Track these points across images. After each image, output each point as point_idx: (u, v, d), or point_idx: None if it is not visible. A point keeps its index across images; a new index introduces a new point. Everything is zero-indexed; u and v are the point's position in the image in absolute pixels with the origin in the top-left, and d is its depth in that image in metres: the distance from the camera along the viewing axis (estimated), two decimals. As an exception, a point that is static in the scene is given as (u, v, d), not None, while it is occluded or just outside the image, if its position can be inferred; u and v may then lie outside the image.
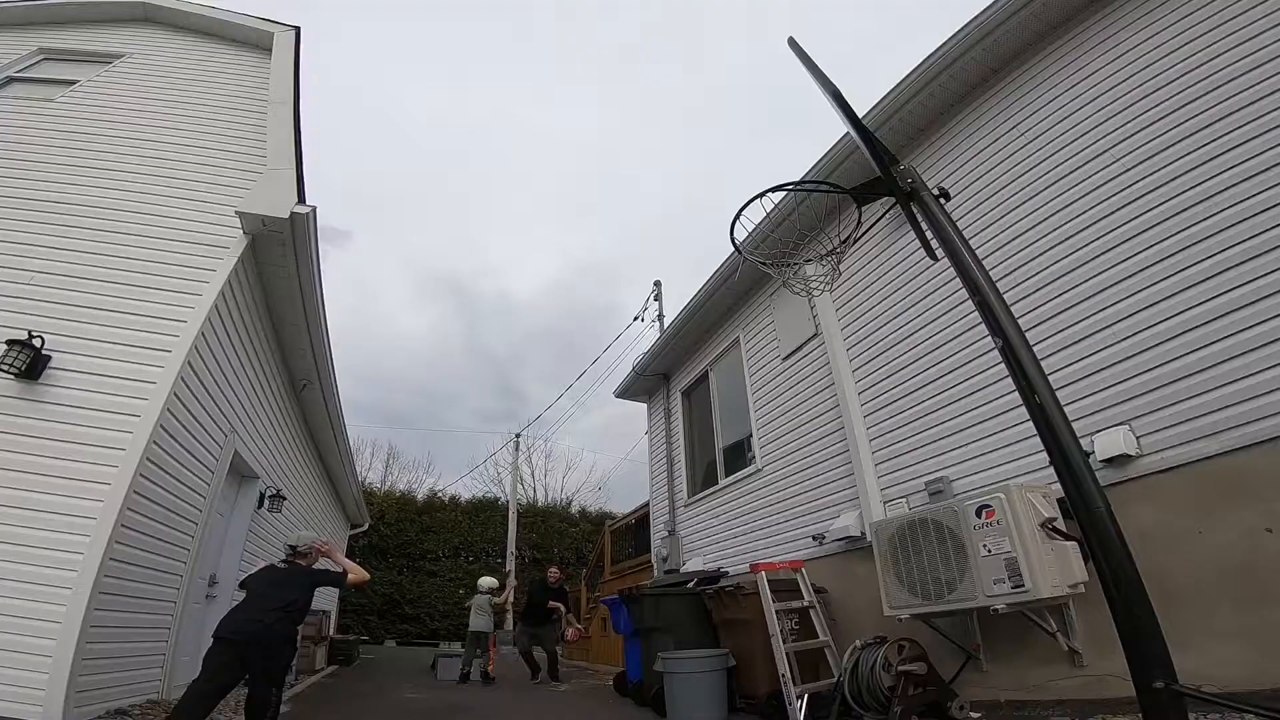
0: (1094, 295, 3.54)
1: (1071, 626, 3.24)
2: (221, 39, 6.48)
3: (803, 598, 4.43)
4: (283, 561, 3.94)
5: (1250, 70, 3.09)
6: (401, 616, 16.04)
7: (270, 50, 6.05)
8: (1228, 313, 2.92)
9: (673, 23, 58.12)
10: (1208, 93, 3.24)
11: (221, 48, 6.42)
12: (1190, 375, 3.01)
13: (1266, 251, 2.84)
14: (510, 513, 17.79)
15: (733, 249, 2.69)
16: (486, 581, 8.36)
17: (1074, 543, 3.06)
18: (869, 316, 5.20)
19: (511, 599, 7.92)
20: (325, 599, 11.25)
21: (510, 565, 16.83)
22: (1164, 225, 3.28)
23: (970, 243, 1.98)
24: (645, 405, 9.75)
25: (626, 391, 9.76)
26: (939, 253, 2.11)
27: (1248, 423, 2.76)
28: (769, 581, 4.22)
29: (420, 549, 17.38)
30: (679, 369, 8.63)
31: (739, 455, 6.89)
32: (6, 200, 4.54)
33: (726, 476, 6.92)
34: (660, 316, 13.06)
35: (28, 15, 6.30)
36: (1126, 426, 3.20)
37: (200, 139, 5.35)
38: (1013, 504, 3.06)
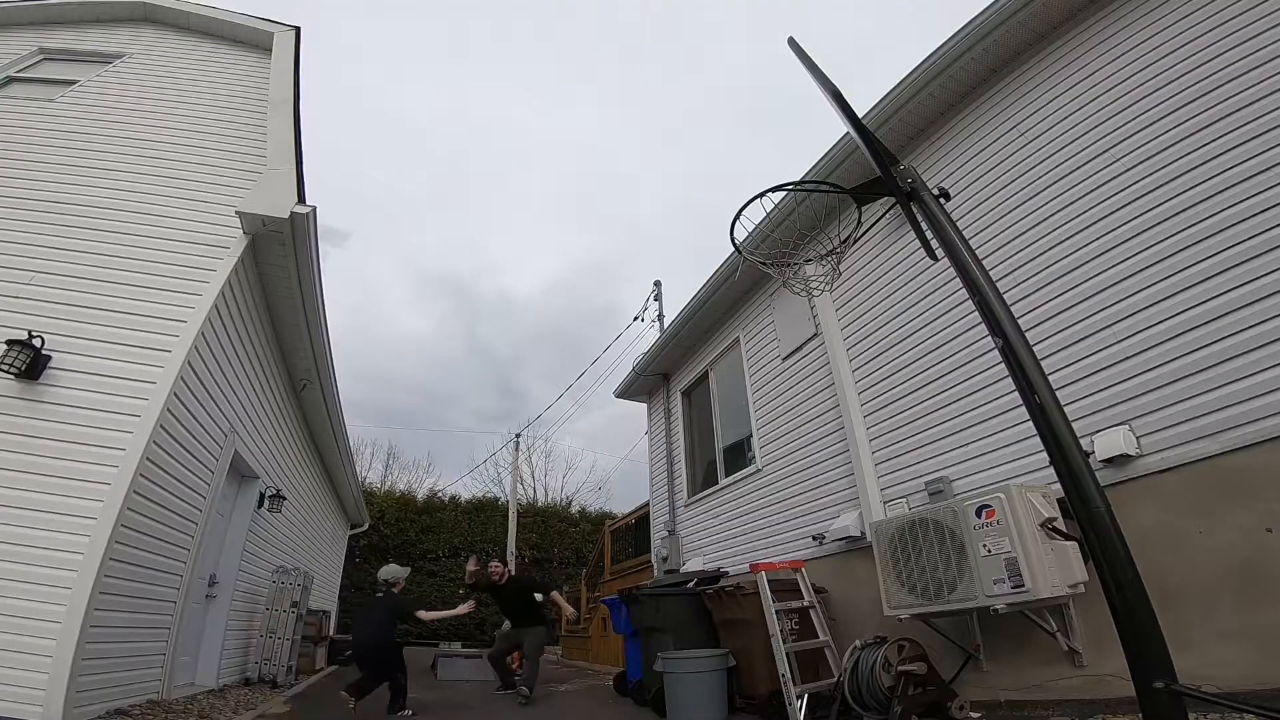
0: (1094, 295, 3.54)
1: (1071, 626, 3.24)
2: (221, 39, 6.49)
3: (803, 598, 4.43)
4: (379, 593, 5.50)
5: (1250, 70, 3.09)
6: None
7: (270, 50, 6.06)
8: (1228, 313, 2.92)
9: (673, 23, 58.15)
10: (1208, 93, 3.24)
11: (221, 48, 6.43)
12: (1190, 375, 3.01)
13: (1266, 251, 2.84)
14: (510, 513, 17.78)
15: (733, 249, 2.69)
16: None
17: (1074, 543, 3.06)
18: (869, 316, 5.20)
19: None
20: (324, 598, 11.25)
21: (511, 566, 16.82)
22: (1164, 225, 3.28)
23: (970, 243, 1.98)
24: (645, 405, 9.75)
25: (626, 391, 9.75)
26: (939, 253, 2.10)
27: (1248, 423, 2.76)
28: (769, 581, 4.22)
29: (420, 549, 17.35)
30: (679, 369, 8.63)
31: (739, 455, 6.89)
32: (6, 200, 4.54)
33: (726, 476, 6.92)
34: (660, 316, 13.06)
35: (28, 15, 6.31)
36: (1126, 426, 3.20)
37: (200, 139, 5.36)
38: (1013, 504, 3.06)
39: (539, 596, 6.46)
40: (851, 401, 5.11)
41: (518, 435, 20.20)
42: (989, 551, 3.09)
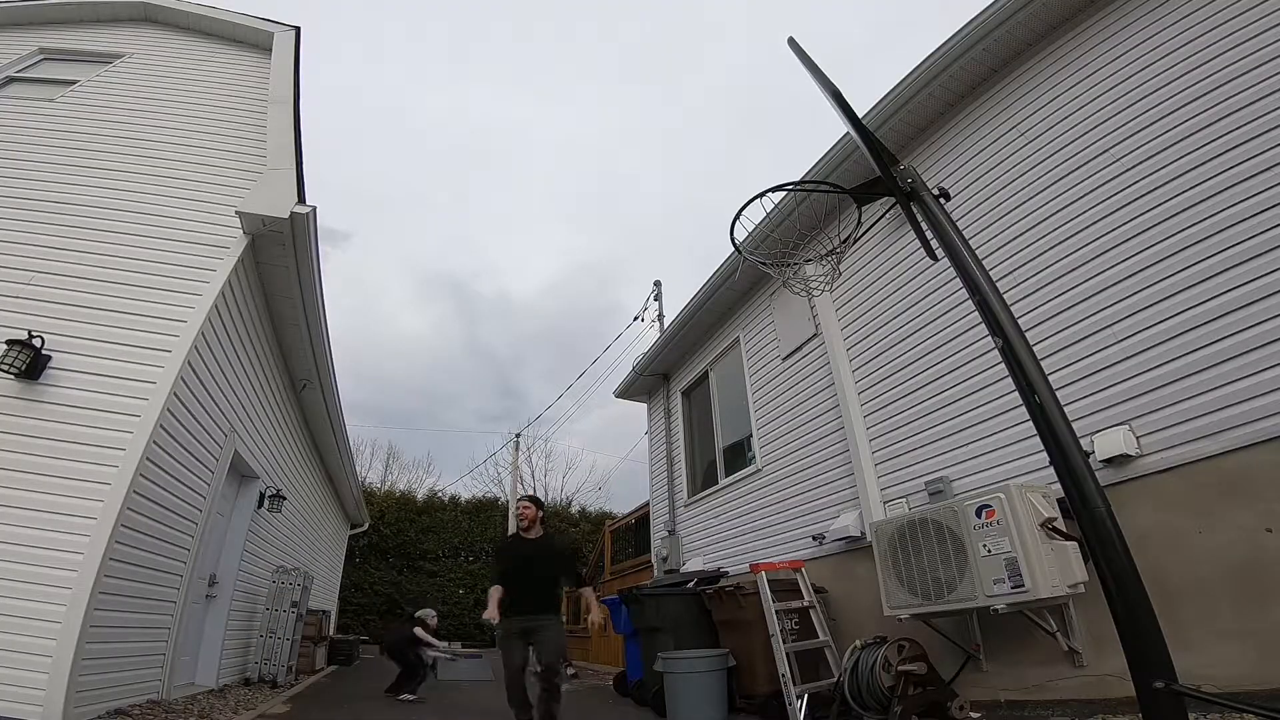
0: (1094, 295, 3.54)
1: (1071, 626, 3.24)
2: (221, 39, 6.49)
3: (803, 598, 4.43)
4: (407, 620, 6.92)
5: (1250, 70, 3.09)
6: (401, 617, 16.05)
7: (270, 50, 6.05)
8: (1228, 313, 2.92)
9: (673, 23, 58.16)
10: (1208, 93, 3.24)
11: (221, 47, 6.42)
12: (1190, 375, 3.01)
13: (1266, 251, 2.84)
14: (510, 513, 17.78)
15: (733, 249, 2.69)
16: None
17: (1074, 543, 3.06)
18: (869, 316, 5.20)
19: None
20: (324, 598, 11.25)
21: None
22: (1164, 225, 3.28)
23: (970, 243, 1.98)
24: (645, 405, 9.75)
25: (626, 391, 9.75)
26: (939, 253, 2.11)
27: (1247, 423, 2.76)
28: (769, 581, 4.23)
29: (420, 549, 17.36)
30: (679, 369, 8.63)
31: (739, 455, 6.89)
32: (6, 200, 4.54)
33: (726, 476, 6.92)
34: (660, 316, 13.05)
35: (28, 15, 6.30)
36: (1126, 426, 3.20)
37: (200, 139, 5.35)
38: (1013, 504, 3.06)
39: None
40: (851, 401, 5.11)
41: (518, 435, 20.21)
42: (989, 551, 3.09)
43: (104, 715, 3.51)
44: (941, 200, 2.08)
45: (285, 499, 6.93)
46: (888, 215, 4.21)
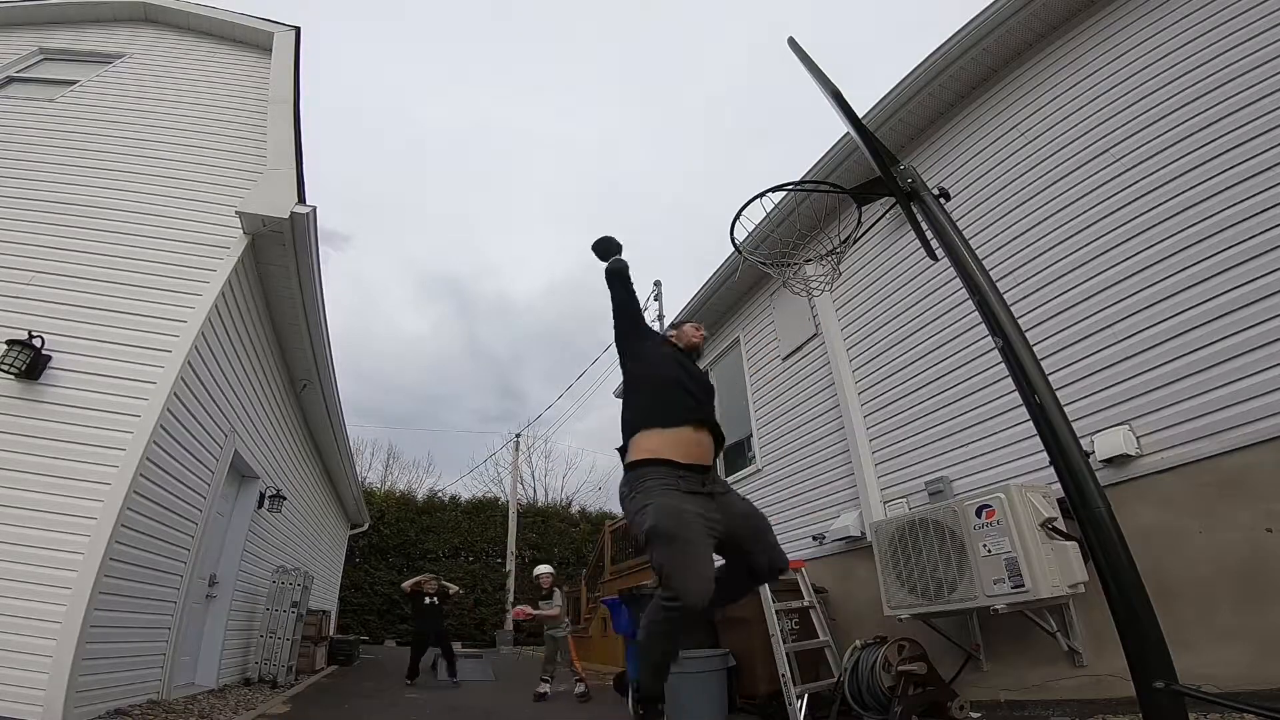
0: (1094, 295, 3.54)
1: (1071, 626, 3.24)
2: (221, 39, 6.48)
3: (803, 598, 4.43)
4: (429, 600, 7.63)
5: (1250, 70, 3.09)
6: (401, 616, 16.02)
7: (270, 50, 6.05)
8: (1228, 313, 2.92)
9: (674, 23, 58.17)
10: (1208, 93, 3.24)
11: (221, 47, 6.42)
12: (1190, 375, 3.01)
13: (1266, 251, 2.84)
14: (510, 513, 17.79)
15: (733, 249, 2.69)
16: (543, 569, 6.70)
17: (1074, 543, 3.06)
18: (869, 316, 5.20)
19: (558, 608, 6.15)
20: (324, 598, 11.25)
21: (510, 565, 16.84)
22: (1164, 225, 3.28)
23: (970, 243, 1.98)
24: (645, 405, 9.73)
25: (626, 391, 9.74)
26: (939, 253, 2.10)
27: (1248, 423, 2.76)
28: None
29: (420, 549, 17.35)
30: (679, 369, 8.62)
31: (739, 455, 6.89)
32: (6, 200, 4.53)
33: (726, 476, 6.92)
34: (660, 317, 13.03)
35: (28, 15, 6.30)
36: (1126, 426, 3.20)
37: (200, 139, 5.35)
38: (1013, 504, 3.06)
39: None
40: (851, 401, 5.11)
41: (518, 435, 20.23)
42: (989, 551, 3.09)
43: (104, 715, 3.50)
44: (941, 200, 2.08)
45: (285, 499, 6.92)
46: (888, 215, 4.20)
